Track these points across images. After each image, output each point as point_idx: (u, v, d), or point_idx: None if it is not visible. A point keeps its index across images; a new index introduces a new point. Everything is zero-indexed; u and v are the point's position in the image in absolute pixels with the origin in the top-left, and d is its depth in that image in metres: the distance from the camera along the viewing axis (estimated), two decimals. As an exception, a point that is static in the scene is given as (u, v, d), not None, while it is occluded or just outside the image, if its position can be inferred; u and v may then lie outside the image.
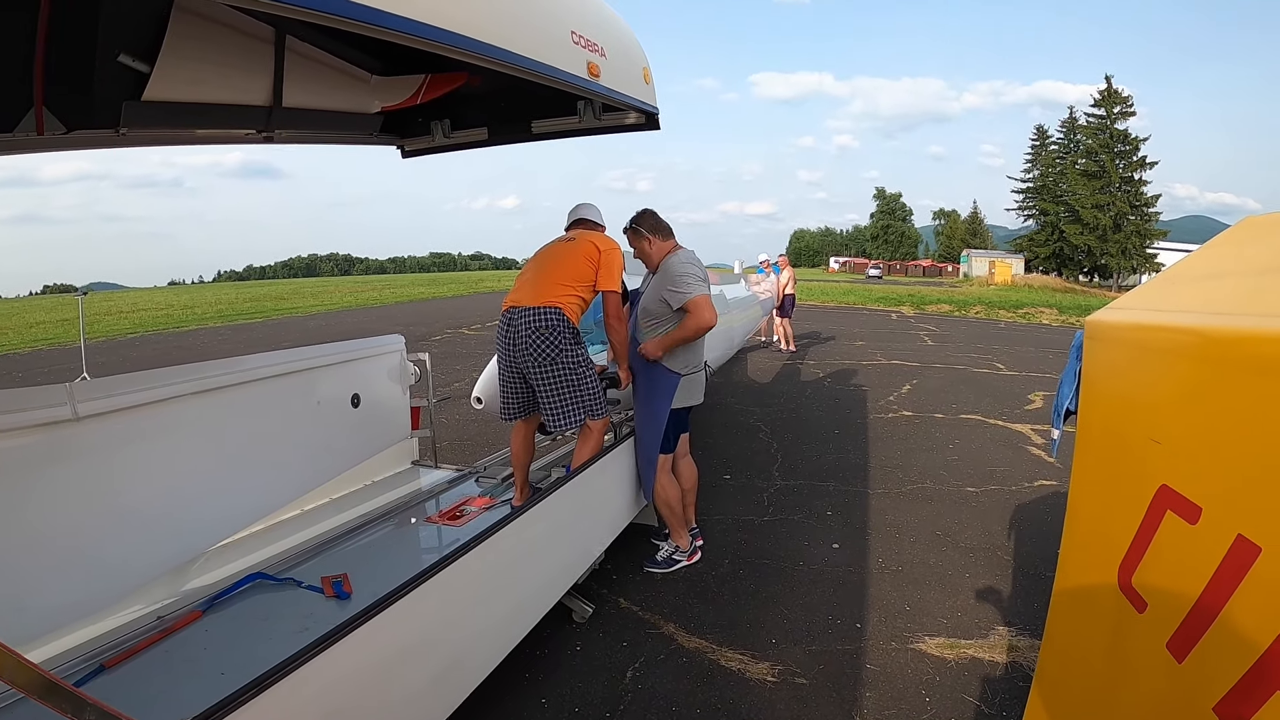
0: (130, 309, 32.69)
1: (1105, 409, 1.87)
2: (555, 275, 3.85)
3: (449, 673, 2.70)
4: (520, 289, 3.88)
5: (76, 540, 2.79)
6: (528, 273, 3.97)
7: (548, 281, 3.83)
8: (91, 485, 2.85)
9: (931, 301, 28.93)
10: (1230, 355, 1.36)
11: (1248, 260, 1.70)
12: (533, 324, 3.71)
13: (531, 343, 3.72)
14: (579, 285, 3.86)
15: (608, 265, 3.92)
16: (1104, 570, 1.71)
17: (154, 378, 3.12)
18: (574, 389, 3.82)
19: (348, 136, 4.14)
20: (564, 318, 3.75)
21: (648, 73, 3.70)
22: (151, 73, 2.77)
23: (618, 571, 4.54)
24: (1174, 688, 1.41)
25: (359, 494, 4.25)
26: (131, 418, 3.00)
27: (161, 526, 3.12)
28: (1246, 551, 1.20)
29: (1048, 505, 5.70)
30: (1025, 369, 12.65)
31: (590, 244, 3.96)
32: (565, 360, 3.76)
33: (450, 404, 9.23)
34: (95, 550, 2.85)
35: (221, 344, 18.31)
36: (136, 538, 3.00)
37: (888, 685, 3.38)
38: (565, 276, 3.84)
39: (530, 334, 3.71)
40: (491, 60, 2.35)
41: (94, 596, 2.79)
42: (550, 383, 3.79)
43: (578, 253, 3.93)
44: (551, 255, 4.01)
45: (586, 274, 3.88)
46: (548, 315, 3.72)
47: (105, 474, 2.91)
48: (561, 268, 3.88)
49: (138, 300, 42.00)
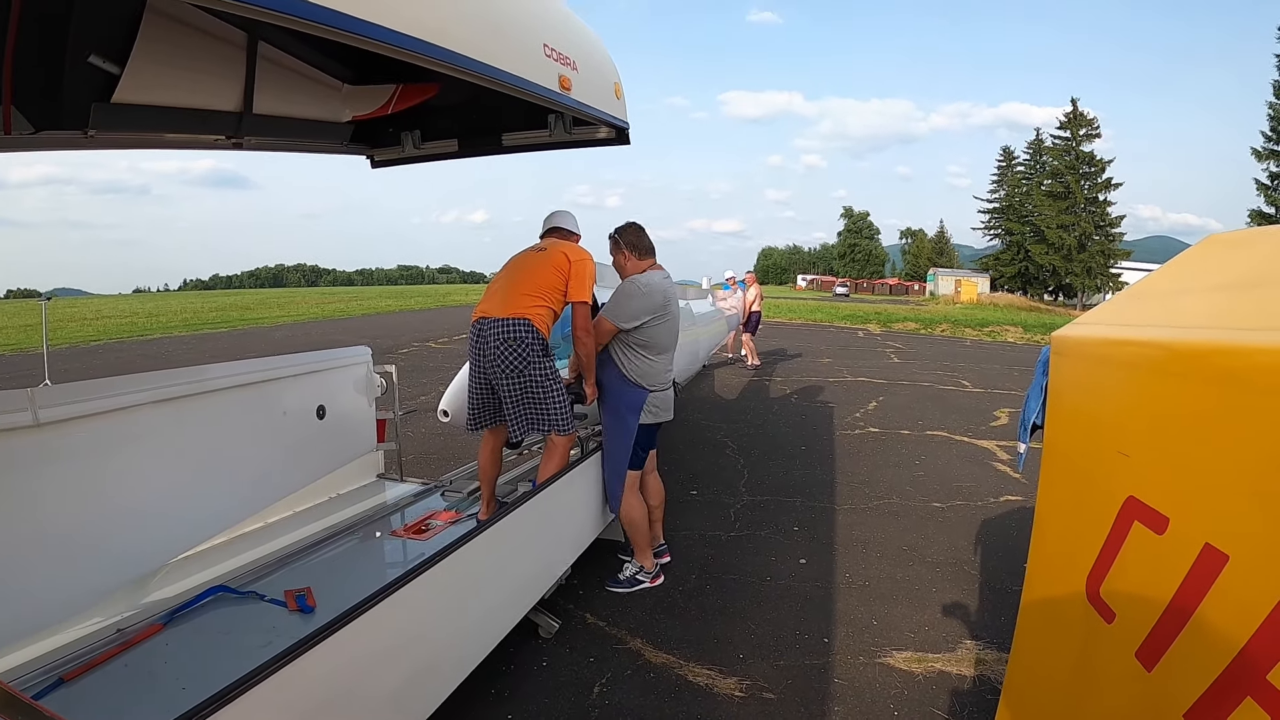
0: (94, 316, 32.15)
1: (1072, 423, 1.88)
2: (524, 286, 3.83)
3: (414, 688, 2.66)
4: (490, 299, 3.85)
5: (35, 549, 2.72)
6: (498, 282, 3.94)
7: (516, 292, 3.80)
8: (52, 493, 2.78)
9: (898, 319, 29.19)
10: (1197, 368, 1.38)
11: (1212, 276, 1.73)
12: (501, 335, 3.68)
13: (499, 353, 3.69)
14: (549, 296, 3.84)
15: (578, 276, 3.90)
16: (1072, 582, 1.71)
17: (117, 385, 3.05)
18: (539, 401, 3.80)
19: (318, 145, 4.10)
20: (533, 328, 3.72)
21: (619, 88, 3.71)
22: (122, 75, 2.73)
23: (584, 586, 4.50)
24: (1144, 696, 1.41)
25: (324, 507, 4.18)
26: (94, 425, 2.93)
27: (123, 537, 3.05)
28: (1214, 560, 1.21)
29: (1013, 520, 5.75)
30: (991, 386, 12.79)
31: (561, 254, 3.94)
32: (532, 372, 3.74)
33: (417, 417, 9.13)
34: (54, 560, 2.78)
35: (186, 353, 18.03)
36: (97, 547, 2.93)
37: (855, 699, 3.37)
38: (534, 287, 3.82)
39: (498, 345, 3.68)
40: (463, 71, 2.34)
41: (53, 607, 2.72)
42: (516, 394, 3.77)
43: (548, 263, 3.91)
44: (521, 265, 3.98)
45: (556, 284, 3.86)
46: (516, 326, 3.70)
47: (66, 482, 2.84)
48: (531, 278, 3.86)
49: (102, 307, 41.27)
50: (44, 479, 2.76)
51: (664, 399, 4.28)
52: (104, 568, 2.96)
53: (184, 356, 17.26)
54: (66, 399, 2.82)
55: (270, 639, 2.68)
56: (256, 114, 3.33)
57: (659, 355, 4.17)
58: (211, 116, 3.23)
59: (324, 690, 2.17)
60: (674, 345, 4.25)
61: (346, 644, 2.22)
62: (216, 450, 3.54)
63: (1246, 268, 1.64)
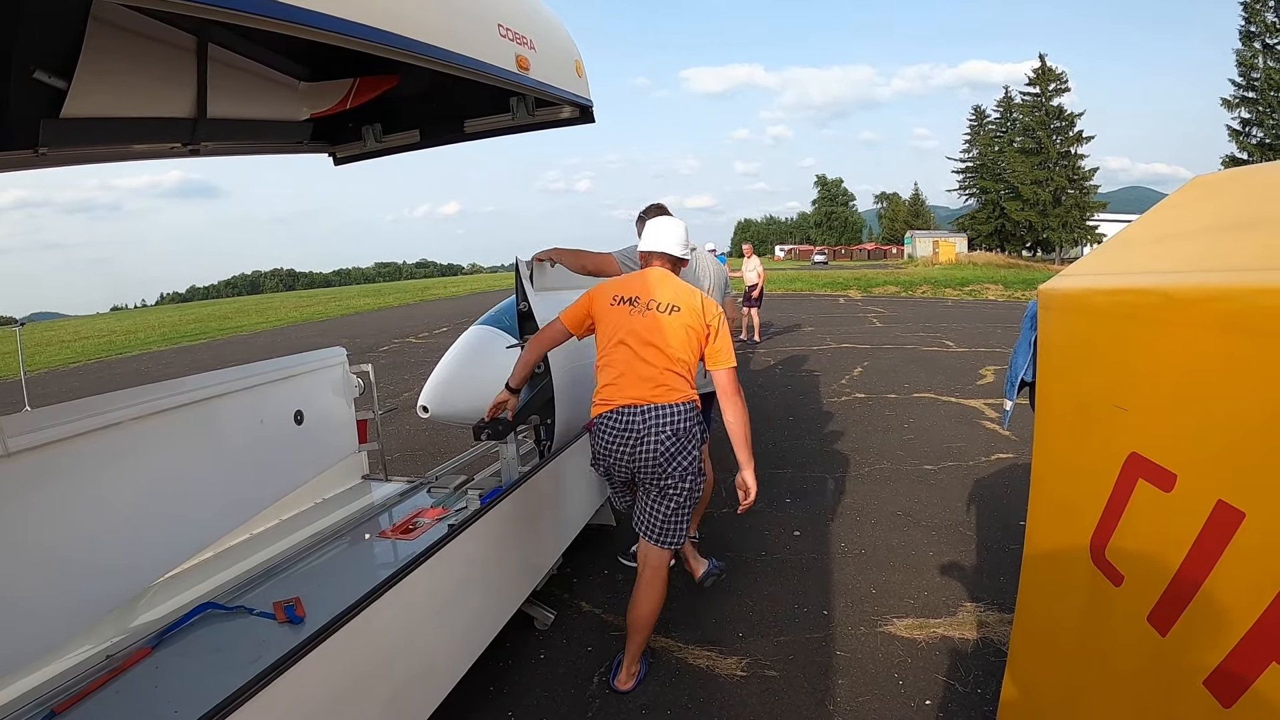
0: (72, 337, 31.82)
1: (1065, 378, 1.83)
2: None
3: (411, 691, 2.61)
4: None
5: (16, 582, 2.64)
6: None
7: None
8: (29, 523, 2.69)
9: (878, 284, 29.26)
10: (1197, 314, 1.32)
11: (1202, 219, 1.68)
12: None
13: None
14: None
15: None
16: (1075, 545, 1.66)
17: (88, 406, 2.95)
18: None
19: (277, 145, 4.00)
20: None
21: (580, 65, 3.62)
22: (69, 89, 2.63)
23: (578, 575, 4.46)
24: (1158, 663, 1.36)
25: (309, 513, 4.10)
26: (67, 449, 2.83)
27: (106, 560, 2.96)
28: (1229, 517, 1.15)
29: (1006, 478, 5.74)
30: (974, 345, 12.81)
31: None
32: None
33: (398, 415, 9.04)
34: (38, 590, 2.69)
35: (166, 368, 17.83)
36: (80, 574, 2.84)
37: (859, 671, 3.34)
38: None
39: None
40: (417, 56, 2.26)
41: (40, 639, 2.64)
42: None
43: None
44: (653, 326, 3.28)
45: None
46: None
47: (43, 510, 2.74)
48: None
49: (80, 328, 40.81)
50: (18, 511, 2.67)
51: None
52: (89, 594, 2.87)
53: (165, 372, 17.07)
54: (36, 425, 2.73)
55: (260, 653, 2.61)
56: (212, 118, 3.24)
57: None
58: (166, 124, 3.13)
59: (318, 700, 2.12)
60: None
61: (337, 652, 2.17)
62: (195, 464, 3.45)
63: (1237, 208, 1.59)
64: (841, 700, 3.15)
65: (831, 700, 3.15)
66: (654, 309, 3.21)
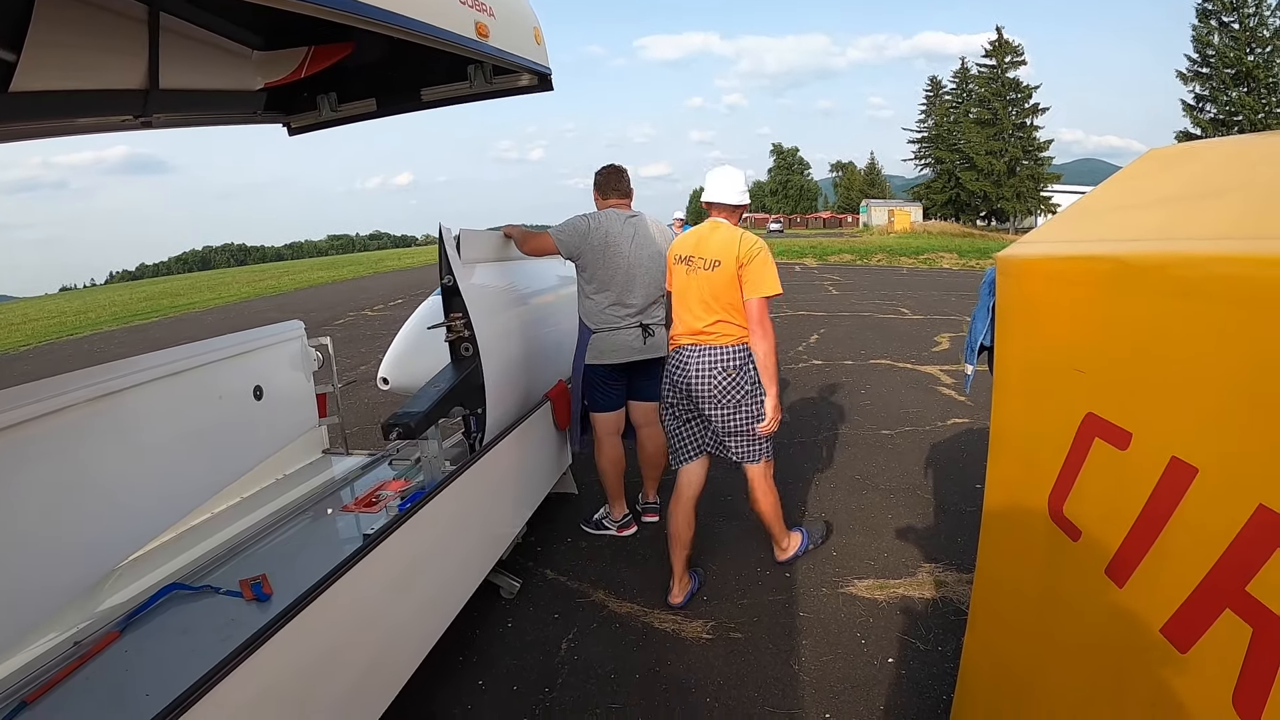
0: (21, 320, 31.02)
1: (1023, 343, 1.87)
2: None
3: (381, 664, 2.62)
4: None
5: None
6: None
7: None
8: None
9: (834, 252, 29.44)
10: (1151, 281, 1.36)
11: (1158, 190, 1.72)
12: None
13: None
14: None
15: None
16: (1033, 502, 1.71)
17: (42, 389, 2.89)
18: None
19: (230, 116, 3.91)
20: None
21: (539, 33, 3.58)
22: (18, 62, 2.55)
23: (542, 543, 4.48)
24: (1117, 612, 1.41)
25: (270, 489, 4.06)
26: (22, 433, 2.76)
27: (67, 546, 2.90)
28: (1183, 472, 1.20)
29: (961, 443, 5.85)
30: (930, 312, 12.96)
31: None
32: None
33: (357, 387, 8.96)
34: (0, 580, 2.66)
35: (118, 348, 17.42)
36: (41, 561, 2.77)
37: (822, 631, 3.41)
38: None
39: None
40: (374, 22, 2.22)
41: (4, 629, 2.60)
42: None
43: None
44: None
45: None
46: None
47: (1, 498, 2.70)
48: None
49: (28, 310, 39.67)
50: None
51: (612, 341, 4.15)
52: (52, 580, 2.81)
53: (118, 351, 16.58)
54: None
55: (230, 632, 2.58)
56: (164, 89, 3.15)
57: (597, 293, 4.09)
58: (117, 97, 3.03)
59: (289, 677, 2.12)
60: (619, 286, 4.10)
61: (307, 627, 2.16)
62: (153, 444, 3.38)
63: (1191, 180, 1.63)
64: (806, 659, 3.21)
65: (796, 660, 3.22)
66: (699, 268, 3.64)
